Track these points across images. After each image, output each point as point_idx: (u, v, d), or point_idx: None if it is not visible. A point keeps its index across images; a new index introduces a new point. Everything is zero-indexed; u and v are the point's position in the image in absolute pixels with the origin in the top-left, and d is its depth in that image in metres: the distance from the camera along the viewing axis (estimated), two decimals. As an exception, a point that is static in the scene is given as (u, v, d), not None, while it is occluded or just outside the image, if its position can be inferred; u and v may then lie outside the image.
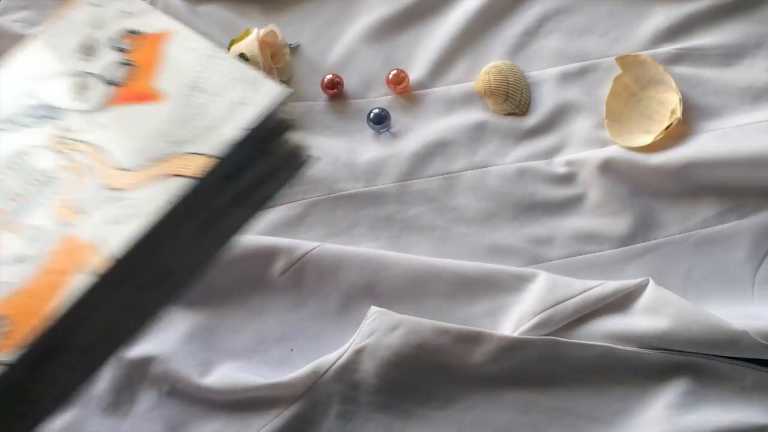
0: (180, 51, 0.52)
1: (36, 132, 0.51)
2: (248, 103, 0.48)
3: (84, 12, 0.54)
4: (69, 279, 0.45)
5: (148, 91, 0.51)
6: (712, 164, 0.68)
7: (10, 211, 0.48)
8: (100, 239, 0.46)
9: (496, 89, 0.74)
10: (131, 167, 0.48)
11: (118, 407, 0.66)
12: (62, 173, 0.49)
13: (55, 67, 0.53)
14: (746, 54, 0.73)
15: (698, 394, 0.63)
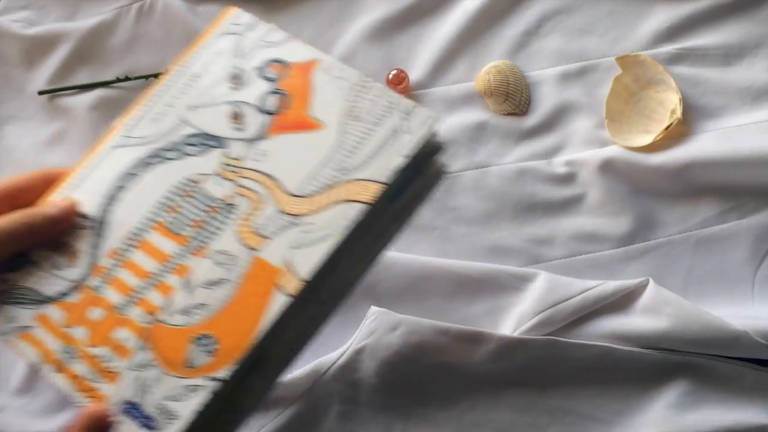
0: (328, 80, 0.55)
1: (202, 160, 0.54)
2: (406, 131, 0.52)
3: (225, 41, 0.57)
4: (267, 301, 0.49)
5: (306, 119, 0.54)
6: (712, 164, 0.68)
7: (195, 237, 0.52)
8: (288, 263, 0.50)
9: (496, 89, 0.74)
10: (304, 194, 0.52)
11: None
12: (237, 200, 0.53)
13: (208, 96, 0.56)
14: (746, 54, 0.73)
15: (698, 394, 0.63)
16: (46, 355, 0.51)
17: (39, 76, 0.77)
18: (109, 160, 0.55)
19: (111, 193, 0.54)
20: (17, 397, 0.67)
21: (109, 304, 0.51)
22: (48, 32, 0.78)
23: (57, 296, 0.52)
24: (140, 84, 0.77)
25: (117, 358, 0.50)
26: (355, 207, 0.51)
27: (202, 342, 0.49)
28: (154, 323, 0.50)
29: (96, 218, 0.53)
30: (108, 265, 0.52)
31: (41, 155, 0.75)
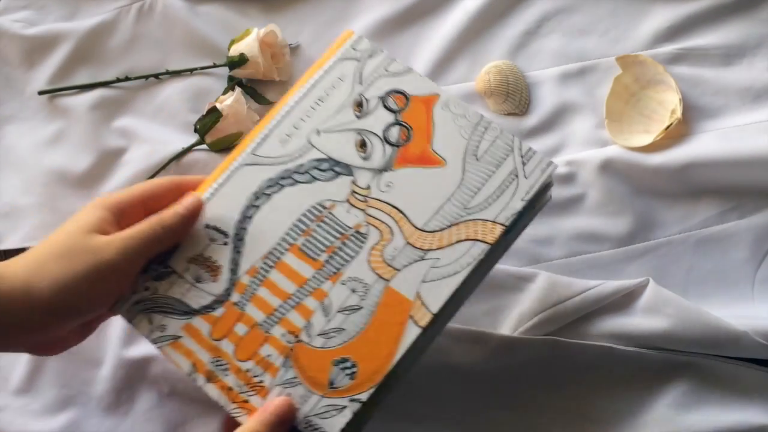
0: (448, 116, 0.59)
1: (331, 186, 0.58)
2: (525, 175, 0.57)
3: (346, 66, 0.61)
4: (402, 331, 0.54)
5: (429, 155, 0.58)
6: (712, 164, 0.68)
7: (329, 263, 0.56)
8: (419, 296, 0.55)
9: (497, 89, 0.74)
10: (430, 229, 0.56)
11: (118, 407, 0.66)
12: (367, 229, 0.57)
13: (334, 121, 0.59)
14: (746, 54, 0.73)
15: (698, 394, 0.63)
16: (198, 365, 0.55)
17: (39, 76, 0.77)
18: (239, 177, 0.58)
19: (245, 211, 0.57)
20: (17, 397, 0.67)
21: (252, 321, 0.55)
22: (48, 32, 0.78)
23: (202, 309, 0.56)
24: (140, 84, 0.77)
25: (264, 374, 0.54)
26: (479, 246, 0.55)
27: (342, 365, 0.54)
28: (296, 343, 0.54)
29: (233, 235, 0.57)
30: (248, 282, 0.56)
31: (41, 155, 0.75)
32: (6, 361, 0.69)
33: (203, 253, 0.57)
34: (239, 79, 0.76)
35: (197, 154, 0.73)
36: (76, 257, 0.53)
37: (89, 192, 0.73)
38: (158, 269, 0.57)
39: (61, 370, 0.68)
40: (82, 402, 0.67)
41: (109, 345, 0.68)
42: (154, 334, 0.55)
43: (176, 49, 0.78)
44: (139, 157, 0.73)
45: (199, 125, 0.73)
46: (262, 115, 0.74)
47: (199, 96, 0.76)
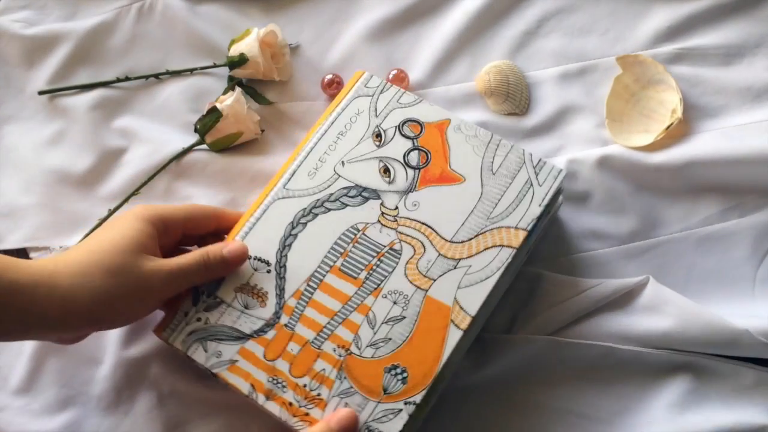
0: (461, 138, 0.65)
1: (362, 210, 0.63)
2: (539, 183, 0.62)
3: (361, 102, 0.67)
4: (445, 334, 0.59)
5: (449, 173, 0.64)
6: (713, 163, 0.68)
7: (369, 279, 0.61)
8: (455, 300, 0.59)
9: (497, 89, 0.74)
10: (459, 240, 0.61)
11: (118, 407, 0.66)
12: (401, 246, 0.62)
13: (356, 152, 0.65)
14: (746, 53, 0.73)
15: (699, 393, 0.63)
16: (256, 385, 0.59)
17: (39, 76, 0.77)
18: (274, 210, 0.64)
19: (284, 240, 0.62)
20: (17, 396, 0.67)
21: (304, 339, 0.60)
22: (48, 32, 0.78)
23: (254, 333, 0.60)
24: (140, 84, 0.77)
25: (321, 387, 0.58)
26: (506, 251, 0.61)
27: (394, 372, 0.58)
28: (347, 356, 0.59)
29: (275, 263, 0.62)
30: (295, 304, 0.61)
31: (41, 155, 0.75)
32: (5, 361, 0.68)
33: (249, 282, 0.62)
34: (239, 79, 0.76)
35: (197, 154, 0.73)
36: (123, 278, 0.56)
37: (90, 192, 0.73)
38: (207, 301, 0.62)
39: (60, 370, 0.67)
40: (81, 402, 0.66)
41: (109, 345, 0.67)
42: (211, 361, 0.60)
43: (176, 49, 0.78)
44: (139, 157, 0.73)
45: (199, 125, 0.73)
46: (263, 115, 0.75)
47: (199, 96, 0.76)
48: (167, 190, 0.72)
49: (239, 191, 0.72)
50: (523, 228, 0.61)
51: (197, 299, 0.62)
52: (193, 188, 0.72)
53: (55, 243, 0.71)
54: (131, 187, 0.72)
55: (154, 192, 0.72)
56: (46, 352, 0.68)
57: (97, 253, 0.56)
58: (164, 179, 0.73)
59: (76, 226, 0.72)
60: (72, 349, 0.68)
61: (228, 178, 0.72)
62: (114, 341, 0.67)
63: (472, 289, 0.60)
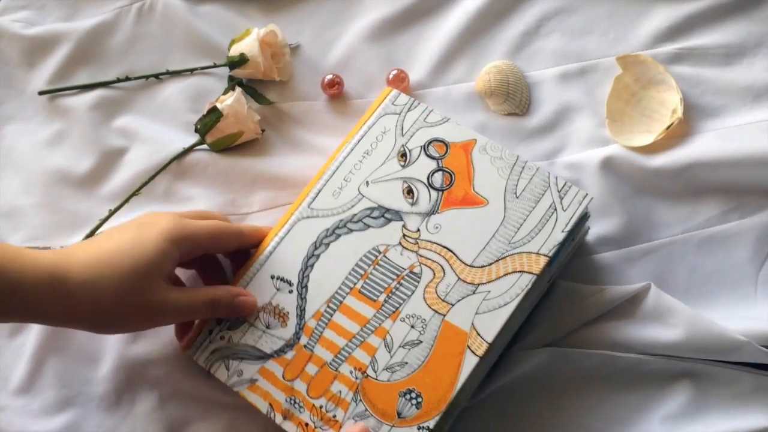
0: (487, 159, 0.64)
1: (384, 231, 0.63)
2: (563, 208, 0.61)
3: (388, 120, 0.66)
4: (461, 360, 0.58)
5: (472, 196, 0.63)
6: (714, 164, 0.68)
7: (388, 302, 0.61)
8: (473, 326, 0.59)
9: (497, 89, 0.74)
10: (479, 264, 0.61)
11: (119, 407, 0.66)
12: (420, 269, 0.61)
13: (381, 172, 0.65)
14: (746, 53, 0.73)
15: (700, 401, 0.63)
16: (274, 404, 0.60)
17: (39, 77, 0.77)
18: (298, 229, 0.64)
19: (306, 261, 0.63)
20: (17, 397, 0.67)
21: (322, 361, 0.60)
22: (48, 32, 0.78)
23: (274, 353, 0.61)
24: (140, 84, 0.77)
25: (337, 409, 0.59)
26: (526, 277, 0.60)
27: (408, 396, 0.58)
28: (363, 379, 0.59)
29: (297, 284, 0.62)
30: (315, 325, 0.61)
31: (42, 155, 0.75)
32: (6, 361, 0.68)
33: (271, 302, 0.63)
34: (239, 79, 0.76)
35: (198, 154, 0.73)
36: (131, 299, 0.57)
37: (90, 192, 0.73)
38: (231, 320, 0.62)
39: (61, 371, 0.67)
40: (82, 402, 0.66)
41: (109, 345, 0.67)
42: (233, 379, 0.61)
43: (176, 49, 0.78)
44: (140, 157, 0.73)
45: (200, 125, 0.73)
46: (263, 115, 0.75)
47: (200, 96, 0.76)
48: (168, 191, 0.72)
49: (240, 192, 0.72)
50: (544, 254, 0.60)
51: (221, 318, 0.63)
52: (193, 188, 0.72)
53: (56, 243, 0.71)
54: (132, 187, 0.72)
55: (155, 192, 0.72)
56: (46, 352, 0.68)
57: (114, 267, 0.56)
58: (165, 179, 0.73)
59: (76, 227, 0.72)
60: (73, 349, 0.68)
61: (229, 179, 0.72)
62: (115, 341, 0.67)
63: (490, 315, 0.59)
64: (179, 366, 0.67)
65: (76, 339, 0.68)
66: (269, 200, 0.72)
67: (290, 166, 0.73)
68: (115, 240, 0.58)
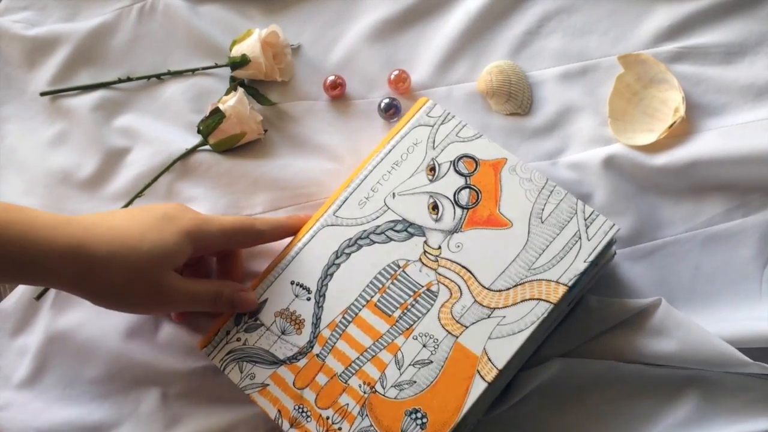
0: (515, 180, 0.63)
1: (405, 246, 0.62)
2: (588, 238, 0.60)
3: (420, 132, 0.65)
4: (469, 385, 0.58)
5: (497, 217, 0.62)
6: (717, 162, 0.68)
7: (402, 318, 0.60)
8: (486, 352, 0.58)
9: (499, 89, 0.74)
10: (497, 288, 0.60)
11: (123, 406, 0.66)
12: (438, 288, 0.61)
13: (408, 185, 0.64)
14: (748, 52, 0.73)
15: (705, 409, 0.63)
16: (283, 411, 0.60)
17: (40, 77, 0.77)
18: (321, 236, 0.64)
19: (327, 269, 0.63)
20: (20, 393, 0.67)
21: (332, 372, 0.60)
22: (49, 33, 0.78)
23: (287, 359, 0.61)
24: (142, 84, 0.77)
25: (343, 421, 0.59)
26: (543, 306, 0.59)
27: (414, 416, 0.58)
28: (371, 394, 0.59)
29: (315, 291, 0.62)
30: (329, 335, 0.61)
31: (44, 156, 0.74)
32: (9, 359, 0.68)
33: (289, 308, 0.63)
34: (241, 79, 0.76)
35: (201, 155, 0.73)
36: (142, 285, 0.58)
37: (93, 193, 0.73)
38: (249, 322, 0.63)
39: (64, 369, 0.67)
40: (84, 401, 0.66)
41: (114, 342, 0.67)
42: (245, 382, 0.61)
43: (177, 50, 0.78)
44: (142, 158, 0.73)
45: (203, 126, 0.73)
46: (265, 116, 0.75)
47: (201, 96, 0.76)
48: (171, 191, 0.72)
49: (242, 193, 0.72)
50: (564, 283, 0.59)
51: (240, 319, 0.63)
52: (196, 189, 0.72)
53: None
54: (135, 188, 0.72)
55: (157, 193, 0.72)
56: (49, 350, 0.68)
57: (133, 250, 0.58)
58: (168, 180, 0.73)
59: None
60: (76, 348, 0.68)
61: (231, 180, 0.72)
62: (119, 340, 0.67)
63: (503, 341, 0.58)
64: (184, 366, 0.67)
65: (79, 338, 0.68)
66: (272, 201, 0.71)
67: (292, 167, 0.73)
68: (138, 225, 0.60)
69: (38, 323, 0.69)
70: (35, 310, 0.69)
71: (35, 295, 0.69)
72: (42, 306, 0.69)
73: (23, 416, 0.66)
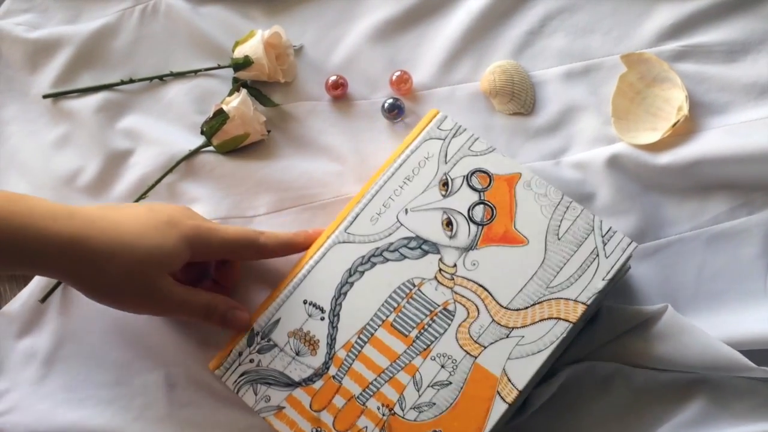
0: (531, 196, 0.62)
1: (420, 264, 0.61)
2: (606, 255, 0.59)
3: (432, 146, 0.64)
4: (489, 406, 0.57)
5: (513, 234, 0.61)
6: (721, 161, 0.68)
7: (419, 338, 0.59)
8: (506, 372, 0.58)
9: (502, 89, 0.74)
10: (515, 307, 0.59)
11: (130, 411, 0.66)
12: (454, 307, 0.60)
13: (421, 200, 0.63)
14: (750, 50, 0.73)
15: (711, 412, 0.62)
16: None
17: (43, 80, 0.77)
18: (333, 254, 0.63)
19: (340, 288, 0.61)
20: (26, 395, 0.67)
21: (350, 394, 0.59)
22: (51, 35, 0.77)
23: (302, 381, 0.60)
24: (144, 86, 0.77)
25: None
26: (562, 325, 0.58)
27: None
28: (390, 416, 0.58)
29: (329, 311, 0.61)
30: (345, 356, 0.60)
31: (48, 159, 0.74)
32: (15, 362, 0.68)
33: (302, 328, 0.61)
34: (244, 80, 0.76)
35: (204, 156, 0.73)
36: (137, 285, 0.58)
37: (97, 195, 0.73)
38: (261, 343, 0.62)
39: (71, 373, 0.67)
40: (90, 405, 0.66)
41: (119, 350, 0.67)
42: (260, 405, 0.60)
43: (180, 51, 0.78)
44: (146, 159, 0.73)
45: (206, 128, 0.73)
46: (268, 117, 0.74)
47: (204, 97, 0.76)
48: (174, 192, 0.72)
49: (245, 194, 0.72)
50: (582, 302, 0.59)
51: (252, 340, 0.62)
52: (199, 190, 0.72)
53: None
54: (138, 189, 0.72)
55: (160, 194, 0.72)
56: (56, 354, 0.68)
57: (133, 248, 0.58)
58: (171, 181, 0.72)
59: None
60: (83, 351, 0.67)
61: (234, 181, 0.72)
62: (126, 345, 0.67)
63: (523, 361, 0.58)
64: (193, 373, 0.66)
65: (87, 342, 0.68)
66: (275, 202, 0.71)
67: (296, 168, 0.72)
68: (140, 224, 0.59)
69: (45, 326, 0.69)
70: (41, 313, 0.69)
71: (40, 298, 0.69)
72: (48, 309, 0.69)
73: (28, 419, 0.66)
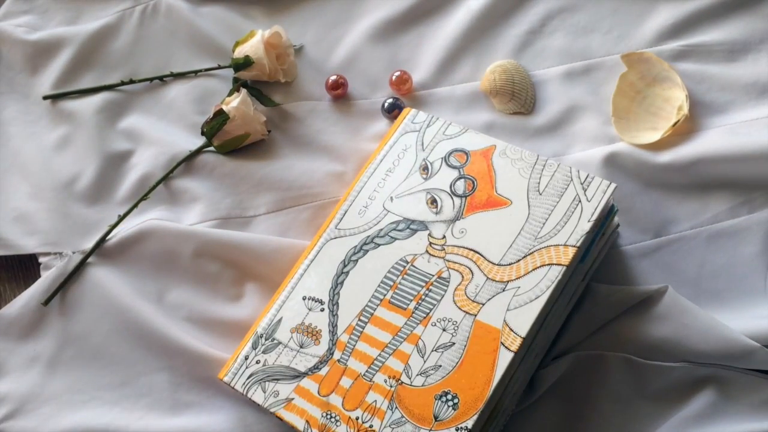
0: (507, 162, 0.64)
1: (410, 242, 0.63)
2: (587, 199, 0.61)
3: (409, 138, 0.68)
4: (495, 358, 0.58)
5: (495, 198, 0.63)
6: (721, 160, 0.68)
7: (418, 309, 0.61)
8: (505, 323, 0.59)
9: (502, 88, 0.74)
10: (506, 262, 0.61)
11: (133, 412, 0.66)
12: (449, 273, 0.61)
13: (404, 186, 0.66)
14: (751, 49, 0.73)
15: (718, 406, 0.62)
16: (311, 421, 0.60)
17: (43, 81, 0.77)
18: (327, 251, 0.65)
19: (336, 279, 0.63)
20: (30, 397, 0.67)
21: (356, 373, 0.60)
22: (51, 37, 0.78)
23: (309, 371, 0.61)
24: (145, 86, 0.77)
25: (373, 418, 0.59)
26: (555, 269, 0.59)
27: (444, 398, 0.58)
28: (397, 386, 0.59)
29: (328, 302, 0.63)
30: (347, 340, 0.62)
31: (48, 160, 0.74)
32: (18, 365, 0.68)
33: (304, 322, 0.63)
34: (244, 80, 0.76)
35: (205, 156, 0.73)
36: None
37: (98, 196, 0.73)
38: (266, 344, 0.63)
39: (75, 375, 0.67)
40: (94, 406, 0.66)
41: (123, 352, 0.67)
42: (269, 401, 0.61)
43: (180, 51, 0.78)
44: (146, 160, 0.73)
45: (207, 128, 0.73)
46: (269, 117, 0.74)
47: (204, 97, 0.76)
48: (175, 193, 0.72)
49: (246, 194, 0.72)
50: (572, 245, 0.60)
51: (257, 343, 0.63)
52: (200, 190, 0.72)
53: (68, 248, 0.70)
54: (140, 190, 0.72)
55: (162, 194, 0.72)
56: (60, 356, 0.68)
57: None
58: (172, 181, 0.72)
59: (87, 231, 0.71)
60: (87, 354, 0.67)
61: (235, 181, 0.72)
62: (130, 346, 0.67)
63: (522, 310, 0.59)
64: (198, 372, 0.66)
65: (90, 344, 0.68)
66: (275, 202, 0.71)
67: (296, 167, 0.73)
68: None
69: (48, 329, 0.68)
70: (43, 316, 0.69)
71: (42, 301, 0.69)
72: (51, 311, 0.69)
73: (32, 422, 0.66)
